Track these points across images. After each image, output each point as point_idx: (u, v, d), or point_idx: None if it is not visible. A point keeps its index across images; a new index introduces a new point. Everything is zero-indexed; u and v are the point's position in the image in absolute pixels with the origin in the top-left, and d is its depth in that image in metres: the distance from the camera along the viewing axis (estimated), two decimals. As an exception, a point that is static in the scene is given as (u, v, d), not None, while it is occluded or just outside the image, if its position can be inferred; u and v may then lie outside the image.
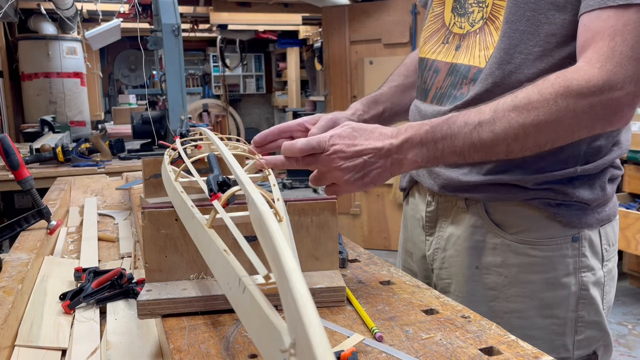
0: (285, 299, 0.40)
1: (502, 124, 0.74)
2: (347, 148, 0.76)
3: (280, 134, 0.95)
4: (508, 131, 0.74)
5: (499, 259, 0.90)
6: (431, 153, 0.77)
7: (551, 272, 0.87)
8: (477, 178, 0.89)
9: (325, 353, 0.30)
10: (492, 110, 0.75)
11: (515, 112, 0.74)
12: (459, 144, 0.76)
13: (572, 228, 0.87)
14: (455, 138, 0.76)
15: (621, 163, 0.94)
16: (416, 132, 0.77)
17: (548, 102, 0.72)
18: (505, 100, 0.75)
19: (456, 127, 0.76)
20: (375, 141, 0.77)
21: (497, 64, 0.85)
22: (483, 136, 0.75)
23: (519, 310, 0.89)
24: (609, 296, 0.92)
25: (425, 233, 1.01)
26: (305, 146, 0.77)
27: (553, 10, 0.81)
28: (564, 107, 0.72)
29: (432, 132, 0.76)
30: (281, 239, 0.46)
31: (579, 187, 0.86)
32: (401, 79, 1.16)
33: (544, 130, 0.74)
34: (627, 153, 3.51)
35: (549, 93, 0.73)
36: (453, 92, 0.92)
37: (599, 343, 0.92)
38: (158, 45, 3.04)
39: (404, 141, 0.76)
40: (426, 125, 0.77)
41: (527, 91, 0.74)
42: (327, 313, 0.71)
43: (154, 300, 0.69)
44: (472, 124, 0.75)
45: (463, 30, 0.93)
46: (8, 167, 1.25)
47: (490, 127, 0.75)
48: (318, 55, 7.58)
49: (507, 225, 0.89)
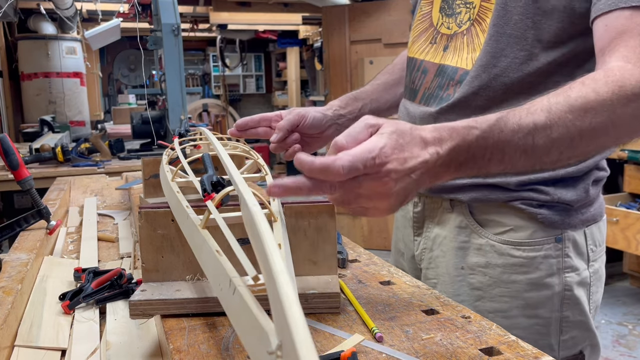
0: (272, 300, 0.40)
1: (560, 129, 0.65)
2: (400, 166, 0.58)
3: (260, 121, 0.99)
4: (565, 136, 0.65)
5: (484, 260, 0.90)
6: (477, 164, 0.65)
7: (535, 273, 0.88)
8: (461, 180, 0.89)
9: (308, 354, 0.30)
10: (545, 111, 0.65)
11: (571, 113, 0.65)
12: (510, 152, 0.65)
13: (555, 229, 0.87)
14: (506, 145, 0.64)
15: (621, 163, 0.94)
16: (464, 138, 0.62)
17: (606, 102, 0.65)
18: (558, 100, 0.66)
19: (509, 132, 0.64)
20: (421, 151, 0.60)
21: (483, 67, 0.85)
22: (538, 142, 0.65)
23: (504, 310, 0.89)
24: (596, 296, 0.93)
25: (413, 233, 1.02)
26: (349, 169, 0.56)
27: (540, 15, 0.81)
28: (620, 110, 0.66)
29: (484, 139, 0.63)
30: (270, 239, 0.45)
31: (561, 189, 0.86)
32: (385, 77, 1.16)
33: (598, 135, 0.67)
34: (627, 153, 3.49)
35: (605, 92, 0.65)
36: (440, 94, 0.92)
37: (585, 343, 0.92)
38: (158, 45, 3.03)
39: (450, 150, 0.61)
40: (475, 130, 0.63)
41: (581, 90, 0.66)
42: (327, 313, 0.71)
43: (145, 301, 0.69)
44: (526, 127, 0.64)
45: (450, 31, 0.93)
46: (8, 167, 1.25)
47: (546, 131, 0.64)
48: (318, 55, 7.58)
49: (490, 226, 0.90)
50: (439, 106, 0.91)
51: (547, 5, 0.81)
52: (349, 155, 0.56)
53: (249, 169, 1.01)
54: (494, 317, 0.89)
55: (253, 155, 1.02)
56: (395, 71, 1.16)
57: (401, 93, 1.12)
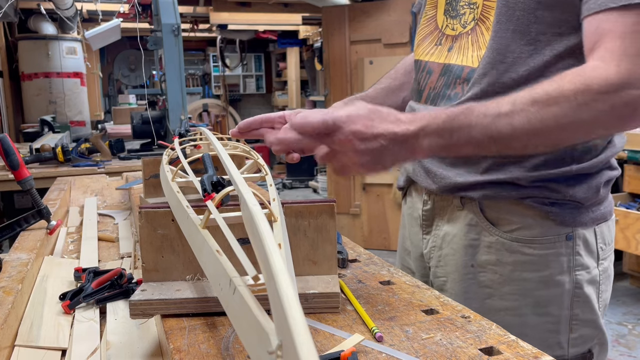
0: (272, 300, 0.40)
1: (521, 118, 0.72)
2: (365, 129, 0.71)
3: (262, 123, 0.98)
4: (527, 125, 0.72)
5: (494, 257, 0.90)
6: (446, 142, 0.74)
7: (545, 271, 0.88)
8: (472, 178, 0.90)
9: (308, 353, 0.30)
10: (510, 103, 0.73)
11: (534, 106, 0.72)
12: (476, 135, 0.73)
13: (566, 227, 0.87)
14: (472, 128, 0.73)
15: (621, 163, 0.95)
16: (432, 120, 0.74)
17: (568, 98, 0.71)
18: (524, 94, 0.73)
19: (474, 118, 0.73)
20: (392, 125, 0.73)
21: (491, 63, 0.86)
22: (501, 128, 0.73)
23: (514, 308, 0.90)
24: (605, 295, 0.93)
25: (422, 231, 1.02)
26: (321, 124, 0.72)
27: (542, 9, 0.82)
28: (584, 104, 0.71)
29: (450, 121, 0.74)
30: (270, 239, 0.45)
31: (573, 186, 0.86)
32: (388, 82, 1.16)
33: (563, 127, 0.72)
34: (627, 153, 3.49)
35: (568, 90, 0.71)
36: (447, 92, 0.93)
37: (594, 341, 0.92)
38: (158, 45, 3.04)
39: (419, 129, 0.73)
40: (443, 114, 0.74)
41: (546, 86, 0.73)
42: (327, 313, 0.71)
43: (145, 301, 0.69)
44: (490, 115, 0.73)
45: (455, 32, 0.94)
46: (8, 167, 1.25)
47: (508, 119, 0.72)
48: (318, 55, 7.58)
49: (501, 224, 0.90)
50: (447, 105, 0.91)
51: None
52: (322, 114, 0.72)
53: (249, 169, 1.02)
54: (504, 315, 0.89)
55: (253, 155, 1.03)
56: (397, 76, 1.16)
57: (405, 98, 1.13)
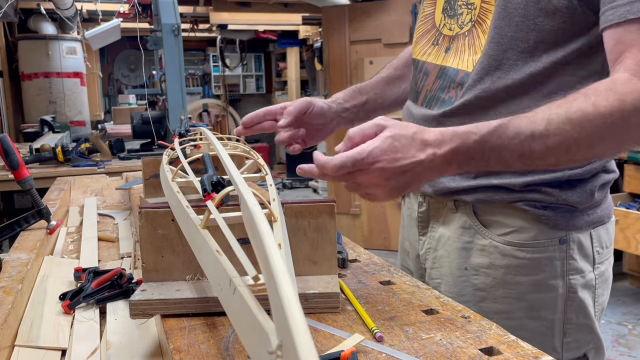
0: (272, 300, 0.40)
1: (556, 138, 0.70)
2: (389, 165, 0.68)
3: (265, 116, 1.00)
4: (561, 146, 0.71)
5: (487, 260, 0.90)
6: (477, 162, 0.72)
7: (538, 274, 0.87)
8: (465, 183, 0.89)
9: (308, 353, 0.30)
10: (545, 121, 0.71)
11: (570, 125, 0.70)
12: (507, 155, 0.72)
13: (560, 230, 0.86)
14: (504, 149, 0.71)
15: (621, 163, 0.94)
16: (463, 142, 0.71)
17: (604, 116, 0.69)
18: (559, 112, 0.71)
19: (507, 139, 0.71)
20: (418, 152, 0.69)
21: (485, 70, 0.85)
22: (534, 148, 0.71)
23: (507, 312, 0.89)
24: (602, 299, 0.92)
25: (418, 233, 1.02)
26: (339, 168, 0.69)
27: (542, 16, 0.80)
28: (619, 120, 0.69)
29: (481, 144, 0.71)
30: (270, 239, 0.45)
31: (566, 190, 0.86)
32: (389, 71, 1.16)
33: (596, 145, 0.72)
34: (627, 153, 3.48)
35: (604, 107, 0.69)
36: (441, 96, 0.92)
37: (589, 346, 0.91)
38: (158, 45, 3.04)
39: (449, 152, 0.70)
40: (474, 135, 0.71)
41: (581, 104, 0.71)
42: (327, 313, 0.71)
43: (145, 301, 0.69)
44: (523, 135, 0.71)
45: (452, 32, 0.93)
46: (8, 167, 1.25)
47: (543, 140, 0.70)
48: (318, 55, 7.58)
49: (494, 227, 0.89)
50: (441, 109, 0.90)
51: (549, 6, 0.79)
52: (342, 156, 0.69)
53: (249, 169, 1.02)
54: (498, 318, 0.88)
55: (253, 155, 1.03)
56: (399, 66, 1.16)
57: (404, 89, 1.13)
